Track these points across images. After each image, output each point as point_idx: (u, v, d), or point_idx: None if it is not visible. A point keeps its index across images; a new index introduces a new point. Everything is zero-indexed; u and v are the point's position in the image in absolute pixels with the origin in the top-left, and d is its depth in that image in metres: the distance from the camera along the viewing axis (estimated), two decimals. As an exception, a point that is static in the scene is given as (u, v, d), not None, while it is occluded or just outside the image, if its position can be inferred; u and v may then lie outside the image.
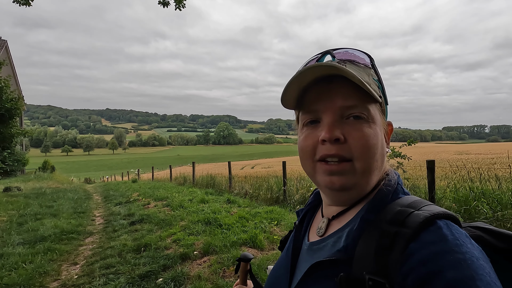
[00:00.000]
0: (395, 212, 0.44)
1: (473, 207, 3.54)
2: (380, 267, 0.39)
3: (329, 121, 0.47)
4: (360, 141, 0.45)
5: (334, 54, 0.51)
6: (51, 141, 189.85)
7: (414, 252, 0.37)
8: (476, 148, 30.04)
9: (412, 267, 0.36)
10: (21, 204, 7.23)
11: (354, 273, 0.41)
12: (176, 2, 6.78)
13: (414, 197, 0.48)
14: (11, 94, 9.13)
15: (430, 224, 0.40)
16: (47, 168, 22.68)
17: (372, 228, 0.44)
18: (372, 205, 0.47)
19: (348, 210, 0.51)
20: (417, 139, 5.37)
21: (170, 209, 6.19)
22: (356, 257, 0.42)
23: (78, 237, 4.59)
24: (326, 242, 0.50)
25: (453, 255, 0.35)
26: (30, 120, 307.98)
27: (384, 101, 0.52)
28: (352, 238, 0.45)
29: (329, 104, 0.47)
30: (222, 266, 3.05)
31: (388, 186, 0.49)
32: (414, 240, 0.39)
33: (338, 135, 0.45)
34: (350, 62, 0.49)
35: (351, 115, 0.47)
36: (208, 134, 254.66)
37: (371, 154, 0.46)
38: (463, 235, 0.39)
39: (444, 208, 0.43)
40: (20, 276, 3.02)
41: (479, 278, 0.33)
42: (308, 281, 0.48)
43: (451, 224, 0.40)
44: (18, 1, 6.46)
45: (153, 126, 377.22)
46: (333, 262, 0.45)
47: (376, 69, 0.52)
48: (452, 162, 7.59)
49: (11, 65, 20.27)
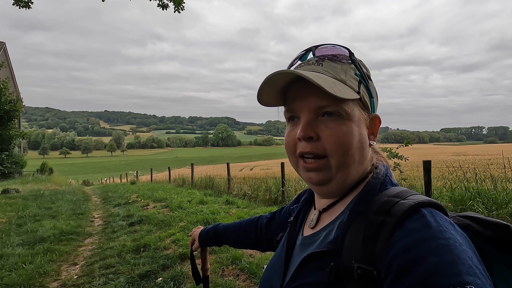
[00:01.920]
0: (381, 202, 0.45)
1: (469, 207, 3.59)
2: (368, 255, 0.41)
3: (304, 120, 0.49)
4: (332, 138, 0.47)
5: (316, 51, 0.53)
6: (49, 143, 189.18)
7: (398, 240, 0.39)
8: (474, 149, 30.17)
9: (397, 253, 0.37)
10: (19, 206, 7.22)
11: (343, 262, 0.42)
12: (175, 4, 6.83)
13: (401, 187, 0.49)
14: (9, 96, 9.13)
15: (414, 212, 0.41)
16: (45, 170, 22.63)
17: (360, 219, 0.45)
18: (361, 196, 0.49)
19: (337, 202, 0.53)
20: (414, 140, 5.41)
21: (169, 210, 6.21)
22: (345, 247, 0.44)
23: (77, 238, 4.60)
24: (319, 236, 0.52)
25: (436, 241, 0.36)
26: (28, 122, 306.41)
27: (369, 94, 0.53)
28: (341, 230, 0.47)
29: (304, 103, 0.49)
30: (221, 266, 3.08)
31: (376, 178, 0.51)
32: (398, 228, 0.40)
33: (311, 134, 0.48)
34: (329, 58, 0.51)
35: (325, 113, 0.49)
36: (206, 136, 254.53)
37: (344, 150, 0.47)
38: (446, 222, 0.40)
39: (430, 198, 0.45)
40: (20, 276, 3.03)
41: (461, 262, 0.34)
42: (301, 274, 0.49)
43: (435, 211, 0.42)
44: (18, 3, 6.49)
45: (151, 128, 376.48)
46: (324, 253, 0.47)
47: (357, 64, 0.52)
48: (449, 163, 7.65)
49: (9, 67, 20.25)
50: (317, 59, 0.52)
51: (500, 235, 0.45)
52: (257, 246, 0.86)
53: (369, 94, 0.53)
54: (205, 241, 0.96)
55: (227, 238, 0.92)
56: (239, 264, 3.06)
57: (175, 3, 6.80)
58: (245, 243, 0.89)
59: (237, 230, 0.90)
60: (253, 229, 0.86)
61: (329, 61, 0.51)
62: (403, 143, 5.31)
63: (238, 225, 0.91)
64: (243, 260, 3.12)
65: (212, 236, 0.94)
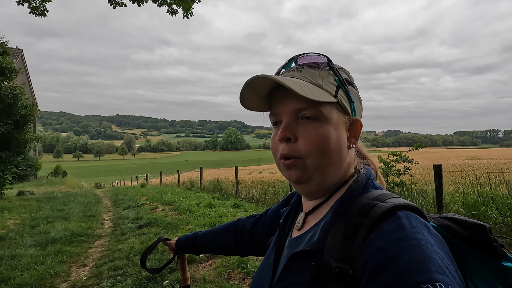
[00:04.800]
0: (361, 204, 0.47)
1: (482, 212, 3.48)
2: (345, 255, 0.43)
3: (284, 122, 0.52)
4: (309, 140, 0.50)
5: (298, 60, 0.56)
6: (63, 146, 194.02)
7: (374, 241, 0.40)
8: (489, 153, 29.37)
9: (372, 253, 0.39)
10: (33, 208, 7.43)
11: (324, 261, 0.44)
12: (184, 10, 6.95)
13: (382, 190, 0.51)
14: (25, 101, 9.42)
15: (390, 214, 0.43)
16: (59, 173, 23.20)
17: (341, 220, 0.47)
18: (343, 199, 0.51)
19: (322, 204, 0.55)
20: (425, 144, 5.32)
21: (177, 213, 6.26)
22: (326, 247, 0.46)
23: (87, 240, 4.69)
24: (305, 237, 0.53)
25: (408, 241, 0.38)
26: (43, 126, 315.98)
27: (348, 99, 0.54)
28: (324, 231, 0.49)
29: (285, 107, 0.52)
30: (227, 269, 3.08)
31: (358, 181, 0.53)
32: (374, 229, 0.42)
33: (289, 135, 0.50)
34: (308, 66, 0.54)
35: (303, 116, 0.51)
36: (216, 140, 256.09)
37: (320, 151, 0.49)
38: (420, 224, 0.41)
39: (407, 200, 0.47)
40: (32, 277, 3.11)
41: (432, 262, 0.36)
42: (287, 274, 0.51)
43: (411, 214, 0.43)
44: (35, 12, 6.74)
45: (162, 131, 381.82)
46: (308, 253, 0.49)
47: (335, 70, 0.54)
48: (462, 167, 7.46)
49: (26, 73, 20.98)
50: (298, 66, 0.55)
51: (476, 234, 0.47)
52: (236, 251, 0.86)
53: (348, 99, 0.55)
54: (183, 247, 0.94)
55: (205, 244, 0.90)
56: (245, 268, 3.05)
57: (184, 9, 6.93)
58: (223, 249, 0.88)
59: (216, 236, 0.89)
60: (232, 233, 0.85)
61: (308, 68, 0.54)
62: (413, 147, 5.21)
63: (216, 230, 0.90)
64: (249, 264, 3.11)
65: (190, 243, 0.92)
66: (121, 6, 6.91)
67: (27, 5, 6.63)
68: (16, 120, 8.89)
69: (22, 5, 6.60)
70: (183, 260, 0.97)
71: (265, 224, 0.79)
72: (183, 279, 0.97)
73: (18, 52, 19.85)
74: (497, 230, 3.17)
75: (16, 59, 18.23)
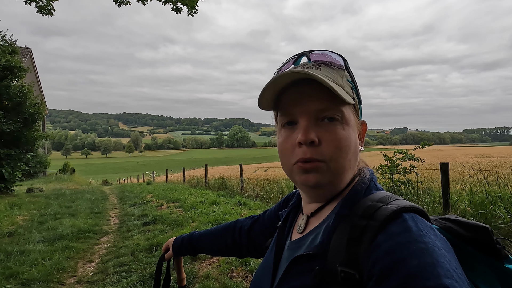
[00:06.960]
0: (366, 206, 0.46)
1: (490, 211, 3.42)
2: (351, 259, 0.42)
3: (304, 124, 0.48)
4: (334, 142, 0.48)
5: (310, 56, 0.53)
6: (71, 144, 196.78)
7: (381, 243, 0.40)
8: (499, 150, 28.80)
9: (379, 257, 0.39)
10: (42, 204, 7.57)
11: (328, 265, 0.43)
12: (188, 8, 6.95)
13: (385, 192, 0.50)
14: (34, 99, 9.58)
15: (396, 217, 0.42)
16: (67, 170, 23.59)
17: (345, 222, 0.46)
18: (346, 201, 0.49)
19: (324, 206, 0.54)
20: (433, 142, 5.24)
21: (182, 210, 6.31)
22: (330, 250, 0.44)
23: (94, 236, 4.76)
24: (306, 240, 0.52)
25: (416, 244, 0.37)
26: (52, 124, 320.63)
27: (358, 101, 0.54)
28: (327, 233, 0.47)
29: (304, 107, 0.49)
30: (230, 267, 3.09)
31: (362, 183, 0.52)
32: (381, 232, 0.41)
33: (313, 138, 0.47)
34: (325, 64, 0.51)
35: (325, 117, 0.48)
36: (221, 137, 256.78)
37: (343, 155, 0.48)
38: (427, 227, 0.41)
39: (413, 203, 0.46)
40: (40, 272, 3.17)
41: (440, 265, 0.35)
42: (288, 277, 0.50)
43: (417, 216, 0.43)
44: (42, 11, 6.82)
45: (168, 129, 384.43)
46: (310, 256, 0.47)
47: (350, 71, 0.54)
48: (470, 165, 7.33)
49: (34, 72, 21.30)
50: (314, 63, 0.51)
51: (479, 236, 0.47)
52: (234, 251, 0.84)
53: (359, 101, 0.54)
54: (180, 249, 0.90)
55: (202, 245, 0.87)
56: (248, 266, 3.06)
57: (188, 7, 6.93)
58: (221, 250, 0.86)
59: (213, 237, 0.87)
60: (230, 234, 0.84)
61: (326, 66, 0.51)
62: (420, 145, 5.14)
63: (214, 231, 0.88)
64: (252, 262, 3.12)
65: (187, 244, 0.89)
66: (126, 4, 6.95)
67: (34, 4, 6.71)
68: (25, 118, 9.05)
69: (30, 4, 6.69)
70: (178, 261, 0.96)
71: (263, 225, 0.78)
72: (179, 280, 0.96)
73: (27, 51, 20.15)
74: (505, 229, 3.11)
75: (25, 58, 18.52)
